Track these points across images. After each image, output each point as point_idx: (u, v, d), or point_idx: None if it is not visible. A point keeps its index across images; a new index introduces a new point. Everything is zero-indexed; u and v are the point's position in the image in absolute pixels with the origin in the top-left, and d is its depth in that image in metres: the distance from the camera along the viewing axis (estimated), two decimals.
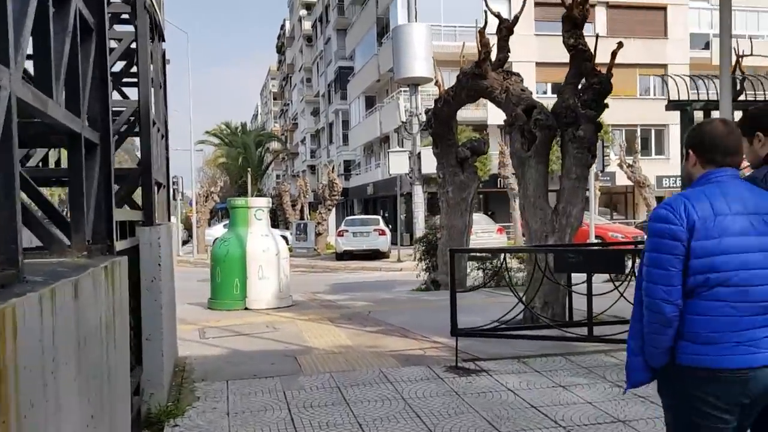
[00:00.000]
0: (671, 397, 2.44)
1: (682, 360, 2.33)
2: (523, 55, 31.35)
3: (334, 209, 28.77)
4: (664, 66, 33.68)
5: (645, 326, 2.40)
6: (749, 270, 2.28)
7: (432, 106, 11.93)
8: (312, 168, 59.63)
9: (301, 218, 36.05)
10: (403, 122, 21.09)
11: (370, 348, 7.02)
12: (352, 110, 42.66)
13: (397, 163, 21.05)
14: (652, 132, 35.07)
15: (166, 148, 6.73)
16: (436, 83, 11.82)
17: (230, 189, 52.30)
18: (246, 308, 10.18)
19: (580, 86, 8.15)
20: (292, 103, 72.13)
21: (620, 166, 23.89)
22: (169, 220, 6.69)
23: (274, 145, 70.90)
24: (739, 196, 2.34)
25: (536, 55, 31.48)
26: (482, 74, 8.72)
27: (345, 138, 45.76)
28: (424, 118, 20.49)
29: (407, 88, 30.23)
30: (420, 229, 21.09)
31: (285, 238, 32.65)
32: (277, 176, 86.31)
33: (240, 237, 10.46)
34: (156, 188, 5.43)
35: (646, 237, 2.49)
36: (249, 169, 39.77)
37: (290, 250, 28.05)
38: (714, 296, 2.29)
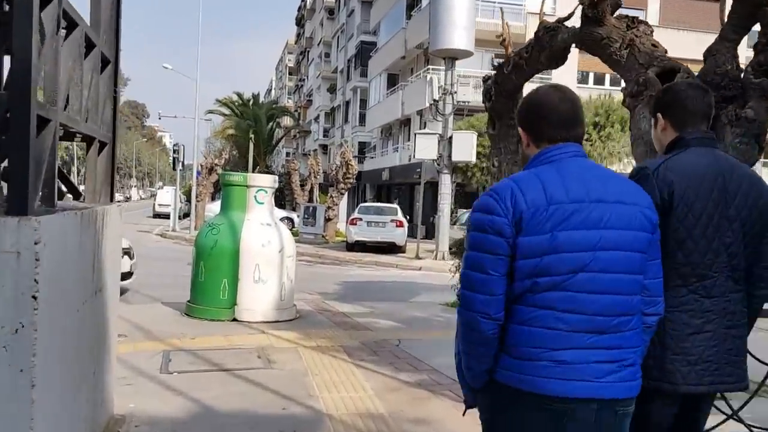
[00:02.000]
0: (486, 412, 1.98)
1: (497, 376, 1.87)
2: None
3: (346, 194, 26.19)
4: None
5: (460, 342, 1.95)
6: (588, 273, 1.79)
7: (492, 74, 9.31)
8: (324, 148, 57.03)
9: (310, 200, 33.56)
10: (435, 100, 18.46)
11: (413, 422, 4.49)
12: (372, 88, 39.95)
13: (425, 147, 18.46)
14: None
15: (115, 85, 4.17)
16: (503, 41, 9.14)
17: (238, 163, 49.81)
18: (235, 319, 7.69)
19: (746, 45, 5.54)
20: (308, 79, 69.43)
21: None
22: (112, 198, 4.14)
23: (286, 121, 68.32)
24: (581, 179, 1.85)
25: None
26: (598, 18, 6.06)
27: (362, 118, 43.08)
28: (460, 96, 17.91)
29: (439, 66, 27.68)
30: (444, 224, 18.55)
31: (291, 220, 30.20)
32: (287, 154, 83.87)
33: (234, 224, 7.93)
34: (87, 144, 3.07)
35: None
36: (255, 142, 37.16)
37: (296, 234, 25.54)
38: (540, 302, 1.80)
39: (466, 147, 18.29)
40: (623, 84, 5.95)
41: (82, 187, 3.98)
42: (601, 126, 23.65)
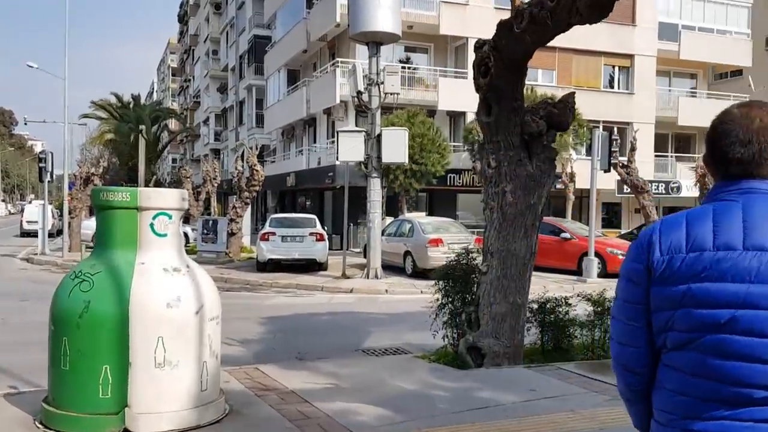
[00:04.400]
0: None
1: None
2: (479, 32, 26.73)
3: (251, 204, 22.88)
4: (631, 56, 30.08)
5: None
6: (721, 334, 1.51)
7: (488, 39, 6.66)
8: (216, 152, 52.80)
9: (207, 211, 29.88)
10: (359, 92, 15.68)
11: None
12: (270, 86, 36.60)
13: (350, 148, 15.65)
14: (614, 130, 31.40)
15: None
16: None
17: (119, 172, 44.84)
18: (126, 430, 4.62)
19: None
20: (195, 79, 64.69)
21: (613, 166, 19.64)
22: None
23: (172, 125, 63.33)
24: (738, 223, 1.54)
25: None
26: None
27: (259, 119, 39.59)
28: (389, 87, 15.28)
29: (348, 58, 24.97)
30: (375, 237, 15.83)
31: (185, 235, 26.45)
32: (173, 160, 78.51)
33: (117, 273, 4.82)
34: None
35: None
36: (139, 146, 33.01)
37: (193, 251, 21.99)
38: (672, 362, 1.61)
39: (397, 146, 15.68)
40: None
41: None
42: None
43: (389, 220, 20.72)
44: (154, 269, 4.88)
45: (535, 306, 7.45)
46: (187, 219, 28.10)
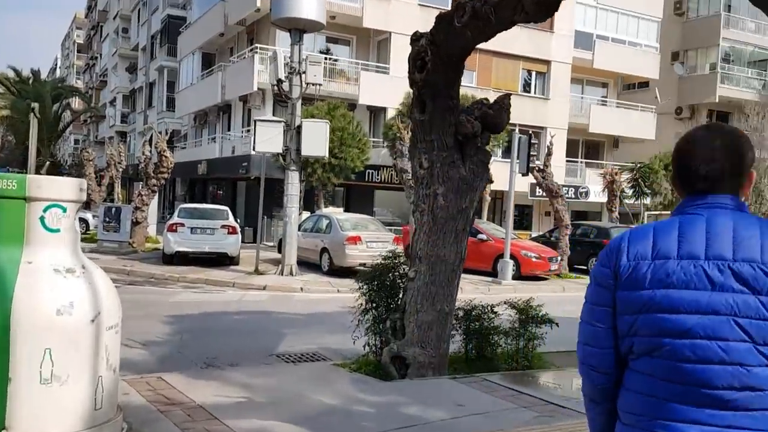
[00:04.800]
0: None
1: None
2: (403, 27, 26.50)
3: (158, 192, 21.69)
4: (548, 62, 30.71)
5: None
6: (687, 339, 1.59)
7: (425, 32, 6.28)
8: (122, 135, 50.31)
9: (110, 198, 28.27)
10: (279, 80, 15.02)
11: None
12: (183, 69, 35.05)
13: (267, 138, 14.98)
14: (530, 133, 31.98)
15: None
16: None
17: (14, 151, 41.86)
18: None
19: None
20: (102, 57, 61.43)
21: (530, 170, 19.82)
22: None
23: (75, 104, 59.96)
24: (701, 234, 1.65)
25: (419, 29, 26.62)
26: None
27: (170, 102, 37.87)
28: (311, 77, 14.74)
29: (268, 45, 24.08)
30: (291, 233, 15.27)
31: (85, 222, 24.84)
32: (76, 141, 74.58)
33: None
34: None
35: None
36: (38, 125, 30.85)
37: (94, 240, 20.64)
38: (639, 367, 1.69)
39: (318, 139, 15.15)
40: None
41: None
42: None
43: (306, 214, 20.14)
44: (43, 270, 4.21)
45: (461, 313, 7.17)
46: (87, 205, 26.41)
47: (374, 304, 6.89)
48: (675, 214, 1.77)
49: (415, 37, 6.33)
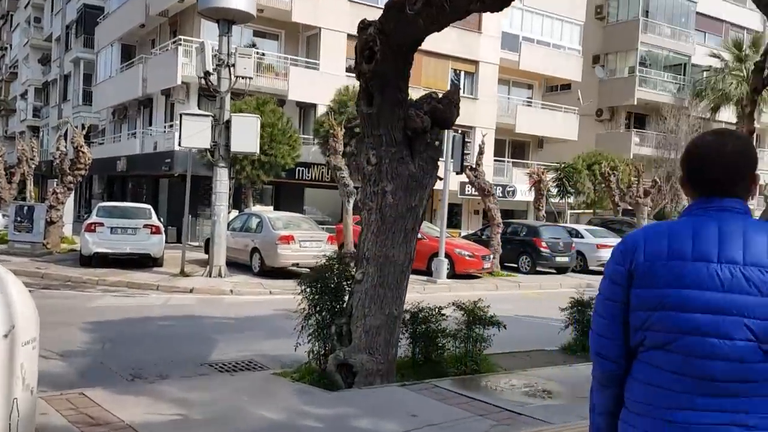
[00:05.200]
0: None
1: (620, 427, 1.90)
2: (333, 23, 26.13)
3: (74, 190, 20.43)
4: (476, 62, 30.95)
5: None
6: (697, 336, 1.72)
7: (373, 22, 5.94)
8: (35, 130, 47.59)
9: (21, 196, 26.58)
10: (207, 73, 14.34)
11: None
12: (101, 61, 33.34)
13: (194, 133, 14.30)
14: (459, 133, 32.16)
15: None
16: None
17: None
18: None
19: None
20: (12, 48, 57.97)
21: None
22: None
23: None
24: (714, 237, 1.76)
25: (349, 26, 26.25)
26: None
27: (87, 96, 36.01)
28: (240, 70, 14.18)
29: (192, 37, 23.13)
30: (221, 232, 14.66)
31: None
32: None
33: None
34: None
35: None
36: None
37: (4, 242, 19.25)
38: (650, 360, 1.81)
39: (248, 134, 14.57)
40: None
41: None
42: None
43: (234, 213, 19.43)
44: None
45: (407, 316, 6.88)
46: None
47: (318, 308, 6.49)
48: (686, 215, 1.86)
49: (363, 26, 5.98)
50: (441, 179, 6.84)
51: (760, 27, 40.51)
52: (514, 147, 34.80)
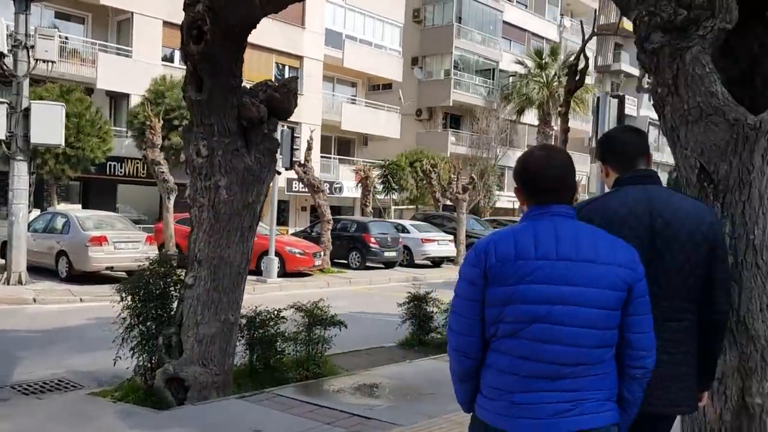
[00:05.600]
0: None
1: (475, 410, 2.13)
2: (147, 8, 24.42)
3: None
4: (301, 58, 30.65)
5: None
6: (542, 324, 1.98)
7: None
8: None
9: None
10: (1, 54, 12.58)
11: None
12: None
13: None
14: (286, 128, 31.56)
15: None
16: None
17: None
18: None
19: None
20: None
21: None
22: None
23: None
24: (552, 238, 2.03)
25: (164, 12, 24.69)
26: None
27: None
28: (41, 53, 12.69)
29: None
30: (20, 234, 13.04)
31: None
32: None
33: None
34: None
35: None
36: None
37: None
38: (502, 348, 2.03)
39: (51, 124, 13.01)
40: None
41: None
42: None
43: (36, 212, 17.36)
44: None
45: (244, 321, 6.40)
46: None
47: (141, 318, 5.80)
48: (525, 219, 2.12)
49: (190, 2, 5.40)
50: (279, 173, 6.42)
51: (557, 38, 44.39)
52: (340, 144, 34.99)
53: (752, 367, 2.66)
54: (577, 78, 9.50)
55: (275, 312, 6.60)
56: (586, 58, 9.51)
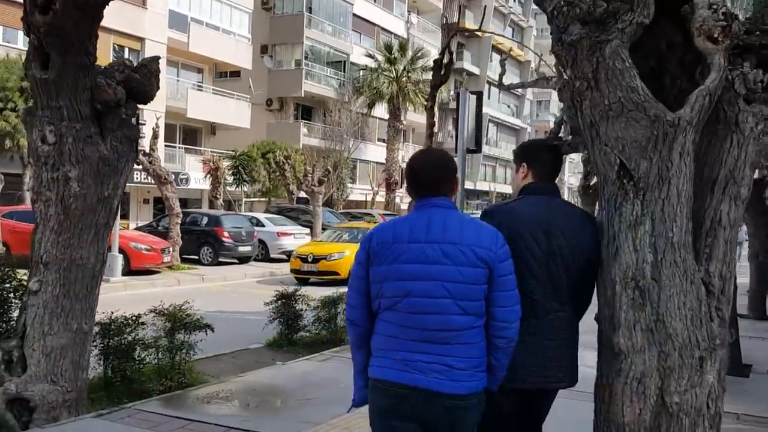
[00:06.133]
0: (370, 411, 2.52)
1: (369, 370, 2.49)
2: None
3: None
4: (142, 40, 28.75)
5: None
6: (414, 298, 2.38)
7: None
8: None
9: None
10: None
11: None
12: None
13: None
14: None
15: None
16: None
17: None
18: None
19: None
20: None
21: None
22: None
23: None
24: (424, 225, 2.43)
25: None
26: None
27: None
28: None
29: None
30: None
31: None
32: None
33: None
34: None
35: None
36: None
37: None
38: (385, 317, 2.45)
39: None
40: None
41: None
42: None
43: None
44: None
45: (97, 328, 5.71)
46: None
47: None
48: (413, 212, 2.52)
49: None
50: (140, 164, 5.78)
51: (404, 34, 45.31)
52: (186, 133, 33.32)
53: (671, 365, 2.65)
54: (442, 73, 9.57)
55: (133, 317, 5.96)
56: (451, 53, 9.62)
